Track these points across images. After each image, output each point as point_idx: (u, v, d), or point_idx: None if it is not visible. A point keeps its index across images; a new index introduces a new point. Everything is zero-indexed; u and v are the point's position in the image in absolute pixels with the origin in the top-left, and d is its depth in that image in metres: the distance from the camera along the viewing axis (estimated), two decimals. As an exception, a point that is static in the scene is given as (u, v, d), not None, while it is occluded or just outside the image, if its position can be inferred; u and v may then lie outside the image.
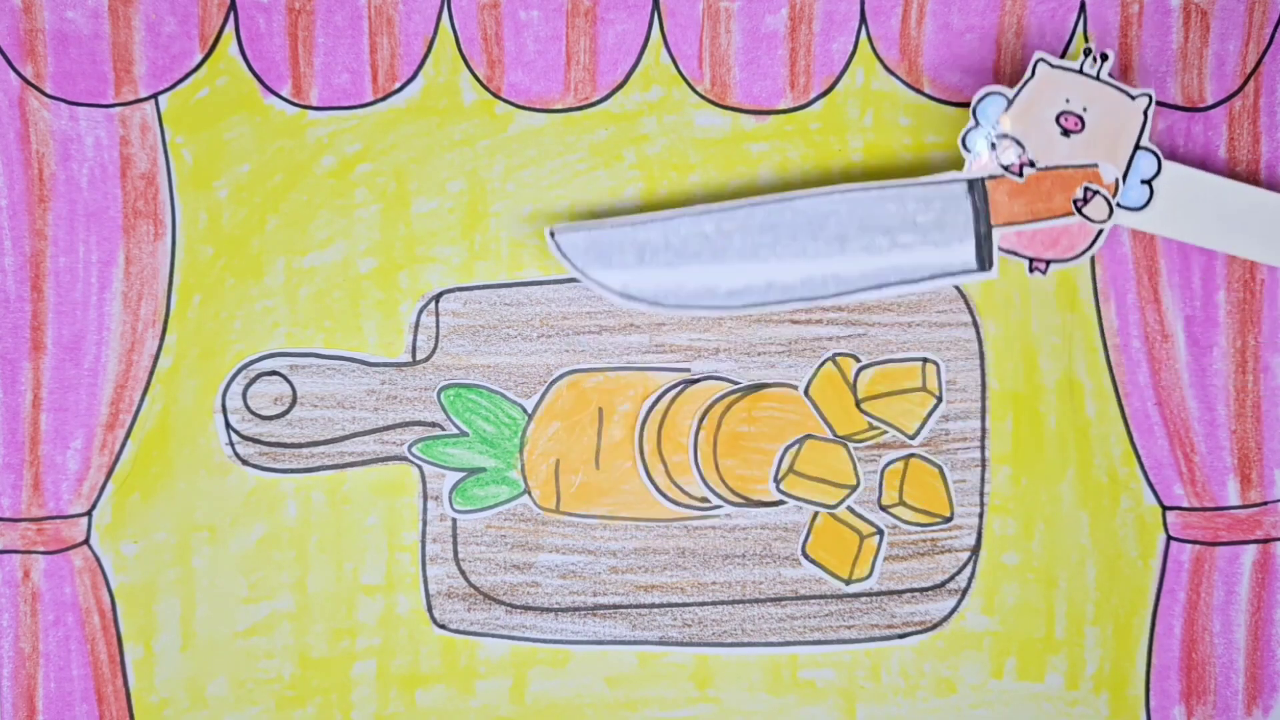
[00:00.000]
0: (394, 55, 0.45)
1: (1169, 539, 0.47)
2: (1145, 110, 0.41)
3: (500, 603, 0.46)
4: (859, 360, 0.46)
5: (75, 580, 0.45)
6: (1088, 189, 0.41)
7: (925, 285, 0.43)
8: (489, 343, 0.46)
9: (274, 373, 0.45)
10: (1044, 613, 0.47)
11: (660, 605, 0.47)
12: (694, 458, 0.46)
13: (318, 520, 0.46)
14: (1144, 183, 0.41)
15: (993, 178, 0.42)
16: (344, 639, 0.46)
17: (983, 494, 0.47)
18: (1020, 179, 0.41)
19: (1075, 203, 0.40)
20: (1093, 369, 0.47)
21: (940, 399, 0.46)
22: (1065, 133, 0.41)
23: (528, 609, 0.46)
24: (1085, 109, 0.41)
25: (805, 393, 0.46)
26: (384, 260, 0.46)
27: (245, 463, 0.45)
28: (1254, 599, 0.47)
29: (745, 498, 0.46)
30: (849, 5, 0.46)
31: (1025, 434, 0.47)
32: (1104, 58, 0.41)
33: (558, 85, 0.46)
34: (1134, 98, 0.41)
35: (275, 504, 0.45)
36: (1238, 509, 0.47)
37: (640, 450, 0.46)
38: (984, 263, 0.42)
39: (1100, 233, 0.42)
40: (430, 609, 0.46)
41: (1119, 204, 0.41)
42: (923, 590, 0.47)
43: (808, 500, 0.46)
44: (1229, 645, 0.47)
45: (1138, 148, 0.41)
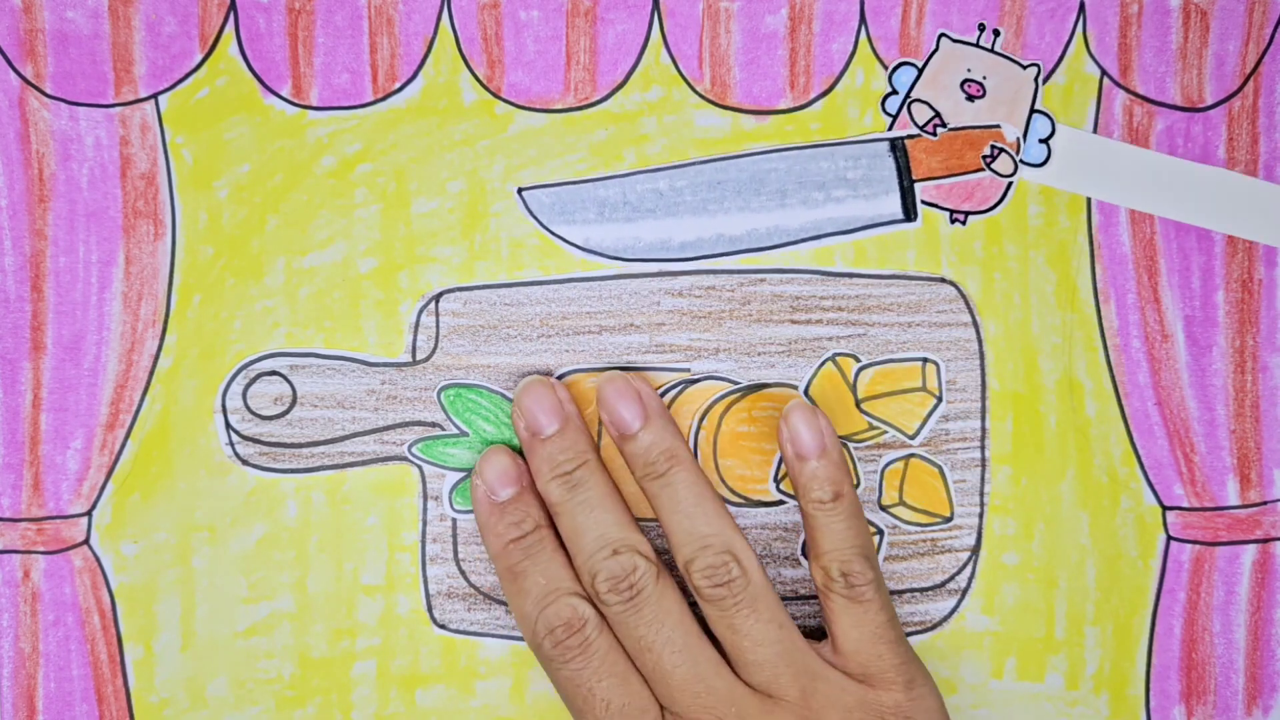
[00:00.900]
0: (394, 55, 0.45)
1: (1169, 539, 0.47)
2: (1035, 79, 0.46)
3: (500, 603, 0.46)
4: (859, 360, 0.46)
5: (75, 580, 0.45)
6: (994, 146, 0.45)
7: (859, 235, 0.46)
8: (489, 343, 0.46)
9: (274, 373, 0.45)
10: (1044, 613, 0.47)
11: (660, 605, 0.46)
12: (694, 457, 0.46)
13: (318, 520, 0.46)
14: (1041, 141, 0.46)
15: (910, 137, 0.46)
16: (344, 639, 0.46)
17: (983, 494, 0.47)
18: (934, 138, 0.45)
19: (984, 159, 0.45)
20: (1093, 369, 0.47)
21: (940, 399, 0.46)
22: (970, 98, 0.46)
23: (528, 609, 0.46)
24: (985, 78, 0.46)
25: (805, 393, 0.46)
26: (384, 260, 0.45)
27: (245, 463, 0.45)
28: (1254, 599, 0.47)
29: (745, 497, 0.46)
30: (849, 5, 0.46)
31: (1025, 434, 0.47)
32: (996, 33, 0.45)
33: (558, 85, 0.46)
34: (1025, 68, 0.46)
35: (275, 504, 0.45)
36: (1237, 509, 0.47)
37: (640, 450, 0.46)
38: (909, 213, 0.46)
39: (1010, 186, 0.46)
40: (430, 609, 0.46)
41: (1022, 160, 0.46)
42: (923, 590, 0.47)
43: (808, 500, 0.46)
44: (1229, 645, 0.47)
45: (1034, 111, 0.46)
